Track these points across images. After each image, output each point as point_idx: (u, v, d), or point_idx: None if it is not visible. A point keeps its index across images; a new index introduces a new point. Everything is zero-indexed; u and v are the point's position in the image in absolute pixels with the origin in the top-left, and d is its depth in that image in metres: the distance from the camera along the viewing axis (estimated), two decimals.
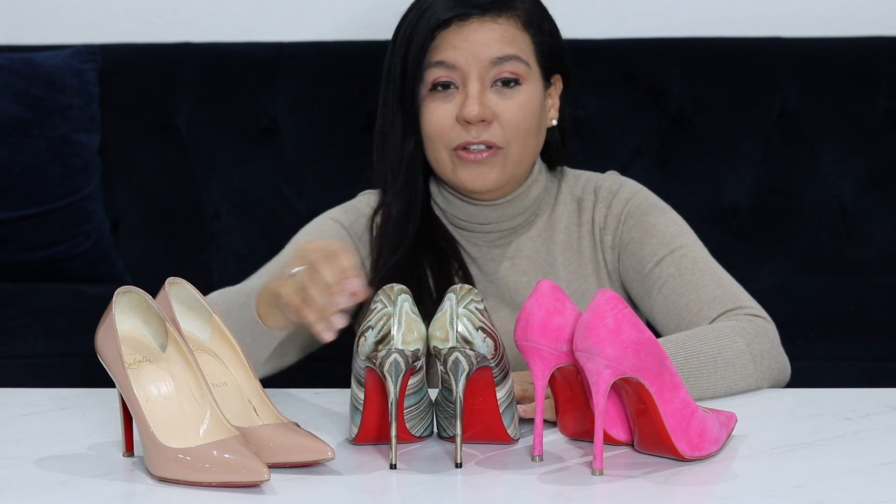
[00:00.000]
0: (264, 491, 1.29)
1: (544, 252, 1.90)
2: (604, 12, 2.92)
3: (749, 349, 1.69)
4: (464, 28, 1.81)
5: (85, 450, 1.45)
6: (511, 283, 1.89)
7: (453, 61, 1.80)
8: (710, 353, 1.66)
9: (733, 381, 1.67)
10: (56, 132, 2.67)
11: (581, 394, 1.44)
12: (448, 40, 1.81)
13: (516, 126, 1.82)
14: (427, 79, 1.82)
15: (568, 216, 1.92)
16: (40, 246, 2.67)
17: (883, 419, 1.55)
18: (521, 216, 1.90)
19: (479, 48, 1.80)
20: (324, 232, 1.88)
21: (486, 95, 1.81)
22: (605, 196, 1.91)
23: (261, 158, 2.76)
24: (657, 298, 1.83)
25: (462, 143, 1.81)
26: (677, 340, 1.66)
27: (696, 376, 1.64)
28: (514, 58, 1.81)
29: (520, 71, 1.82)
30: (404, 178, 1.87)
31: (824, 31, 2.86)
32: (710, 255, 1.86)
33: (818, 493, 1.28)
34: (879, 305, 2.48)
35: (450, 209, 1.91)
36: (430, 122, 1.83)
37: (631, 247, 1.87)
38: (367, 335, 1.37)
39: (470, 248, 1.91)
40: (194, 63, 2.80)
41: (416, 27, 1.82)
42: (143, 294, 1.40)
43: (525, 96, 1.82)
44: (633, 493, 1.31)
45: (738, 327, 1.72)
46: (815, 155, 2.73)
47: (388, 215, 1.88)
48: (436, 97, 1.82)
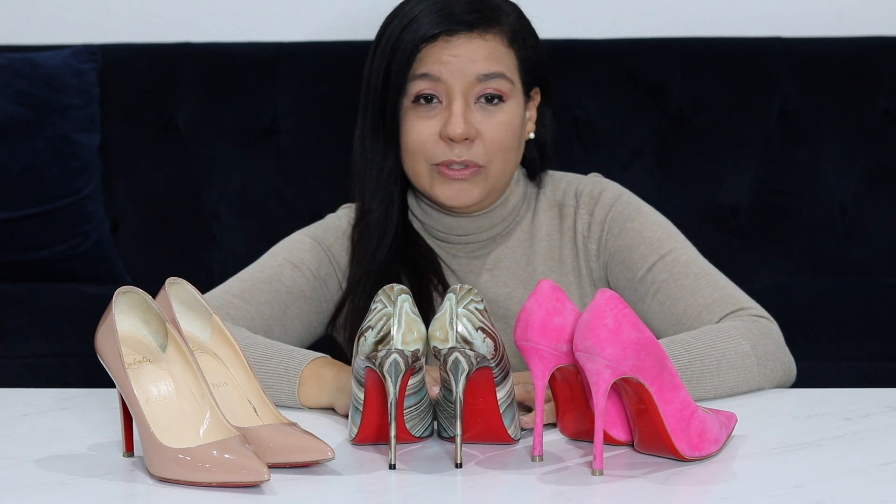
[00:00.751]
0: (264, 491, 1.29)
1: (524, 262, 1.89)
2: (604, 12, 2.92)
3: (754, 351, 1.69)
4: (450, 43, 1.79)
5: (85, 450, 1.45)
6: (491, 294, 1.88)
7: (438, 75, 1.79)
8: (714, 355, 1.66)
9: (736, 384, 1.67)
10: (56, 132, 2.67)
11: (581, 394, 1.44)
12: (434, 54, 1.79)
13: (498, 144, 1.81)
14: (410, 90, 1.81)
15: (549, 223, 1.91)
16: (40, 246, 2.67)
17: (883, 419, 1.55)
18: (500, 226, 1.89)
19: (465, 64, 1.79)
20: (301, 250, 1.88)
21: (469, 113, 1.79)
22: (587, 202, 1.89)
23: (261, 158, 2.76)
24: (652, 304, 1.82)
25: (444, 162, 1.81)
26: (681, 342, 1.66)
27: (699, 379, 1.64)
28: (499, 75, 1.80)
29: (504, 88, 1.80)
30: (383, 190, 1.87)
31: (824, 31, 2.86)
32: (701, 255, 1.85)
33: (818, 493, 1.28)
34: (879, 305, 2.48)
35: (428, 221, 1.90)
36: (411, 136, 1.81)
37: (619, 255, 1.86)
38: (366, 335, 1.37)
39: (450, 260, 1.91)
40: (194, 63, 2.80)
41: (400, 38, 1.80)
42: (143, 294, 1.40)
43: (508, 114, 1.81)
44: (633, 493, 1.31)
45: (742, 328, 1.71)
46: (815, 155, 2.73)
47: (366, 226, 1.88)
48: (418, 110, 1.81)
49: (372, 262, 1.86)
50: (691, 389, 1.63)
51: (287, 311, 1.84)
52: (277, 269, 1.85)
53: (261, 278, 1.84)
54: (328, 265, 1.89)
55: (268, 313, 1.82)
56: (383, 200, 1.87)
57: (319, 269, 1.88)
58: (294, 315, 1.85)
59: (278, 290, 1.83)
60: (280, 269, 1.85)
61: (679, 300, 1.79)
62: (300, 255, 1.87)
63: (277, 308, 1.83)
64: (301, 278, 1.86)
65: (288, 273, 1.85)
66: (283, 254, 1.88)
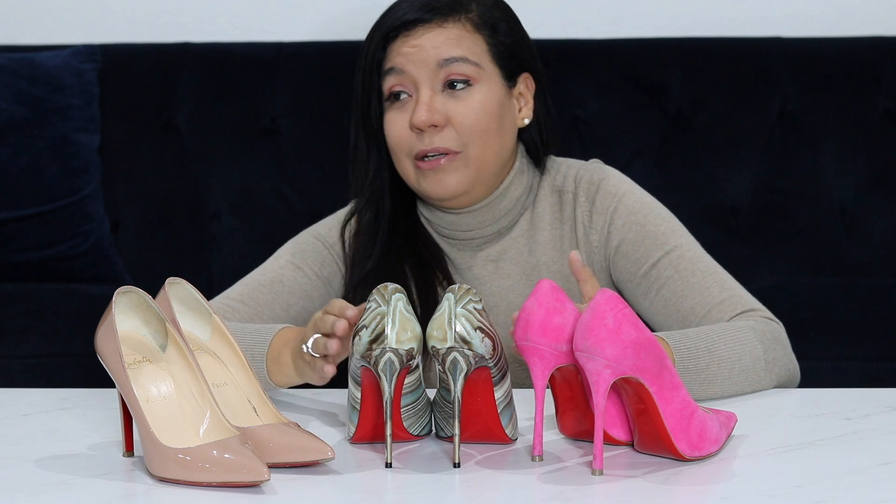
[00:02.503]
0: (264, 491, 1.29)
1: (527, 253, 1.90)
2: (604, 12, 2.92)
3: (765, 356, 1.70)
4: (410, 36, 1.83)
5: (85, 450, 1.45)
6: (495, 287, 1.88)
7: (402, 67, 1.82)
8: (731, 358, 1.66)
9: (743, 387, 1.68)
10: (56, 132, 2.67)
11: (581, 394, 1.44)
12: (396, 49, 1.83)
13: (470, 127, 1.82)
14: (384, 88, 1.85)
15: (550, 211, 1.91)
16: (40, 246, 2.67)
17: (883, 419, 1.55)
18: (504, 219, 1.90)
19: (425, 53, 1.82)
20: (304, 250, 1.90)
21: (435, 100, 1.82)
22: (587, 188, 1.89)
23: (261, 158, 2.76)
24: (655, 300, 1.82)
25: (419, 153, 1.82)
26: (699, 338, 1.66)
27: (711, 382, 1.64)
28: (461, 59, 1.82)
29: (468, 72, 1.82)
30: (370, 191, 1.90)
31: (824, 31, 2.86)
32: (704, 250, 1.86)
33: (818, 493, 1.28)
34: (879, 305, 2.48)
35: (434, 219, 1.92)
36: (389, 133, 1.85)
37: (623, 248, 1.86)
38: (361, 334, 1.38)
39: (456, 256, 1.91)
40: (194, 63, 2.80)
41: (371, 41, 1.86)
42: (142, 294, 1.40)
43: (479, 97, 1.83)
44: (633, 493, 1.31)
45: (758, 330, 1.72)
46: (815, 155, 2.73)
47: (359, 227, 1.90)
48: (392, 108, 1.85)
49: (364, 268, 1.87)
50: (701, 390, 1.63)
51: (290, 312, 1.85)
52: (279, 271, 1.87)
53: (262, 281, 1.86)
54: (332, 264, 1.90)
55: (269, 314, 1.83)
56: (370, 203, 1.89)
57: (322, 268, 1.89)
58: (298, 315, 1.86)
59: (279, 291, 1.85)
60: (282, 270, 1.87)
61: (685, 297, 1.79)
62: (303, 256, 1.89)
63: (280, 308, 1.84)
64: (303, 278, 1.87)
65: (290, 274, 1.86)
66: (286, 255, 1.90)
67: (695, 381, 1.63)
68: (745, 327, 1.71)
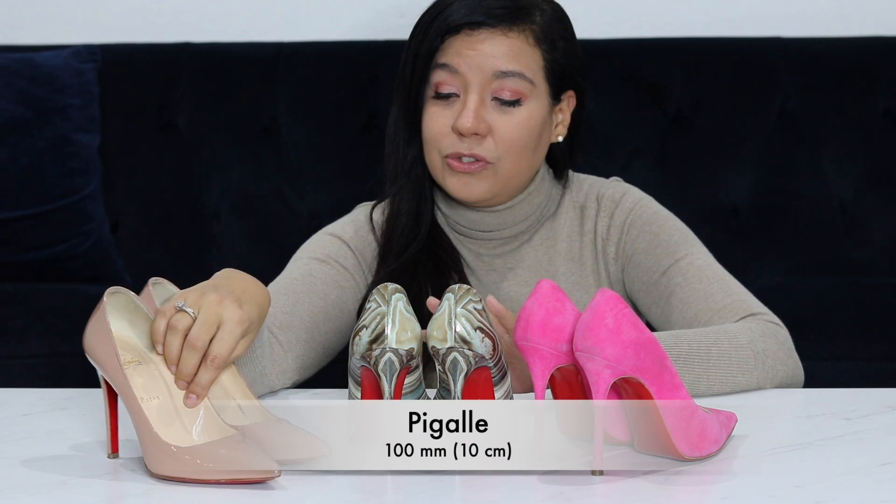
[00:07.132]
0: (263, 490, 1.29)
1: (546, 262, 1.90)
2: (604, 12, 2.92)
3: (750, 345, 1.69)
4: (472, 36, 1.80)
5: (84, 450, 1.45)
6: (513, 293, 1.88)
7: (457, 67, 1.80)
8: (704, 342, 1.66)
9: (730, 374, 1.67)
10: (56, 132, 2.67)
11: (581, 394, 1.44)
12: (455, 46, 1.81)
13: (510, 143, 1.81)
14: (432, 80, 1.82)
15: (570, 224, 1.91)
16: (40, 246, 2.67)
17: (883, 419, 1.55)
18: (524, 223, 1.90)
19: (483, 59, 1.79)
20: (323, 247, 1.87)
21: (483, 109, 1.80)
22: (608, 205, 1.90)
23: (261, 158, 2.76)
24: (666, 308, 1.83)
25: (454, 153, 1.81)
26: (674, 332, 1.67)
27: (685, 361, 1.63)
28: (517, 74, 1.80)
29: (521, 89, 1.81)
30: (407, 177, 1.87)
31: (824, 31, 2.86)
32: (716, 260, 1.86)
33: (818, 493, 1.28)
34: (879, 305, 2.48)
35: (452, 214, 1.91)
36: (427, 126, 1.83)
37: (636, 258, 1.87)
38: (361, 334, 1.38)
39: (471, 257, 1.91)
40: (194, 63, 2.80)
41: (429, 28, 1.82)
42: (130, 294, 1.40)
43: (525, 114, 1.82)
44: (633, 493, 1.30)
45: (744, 326, 1.72)
46: (815, 155, 2.73)
47: (396, 212, 1.88)
48: (437, 103, 1.82)
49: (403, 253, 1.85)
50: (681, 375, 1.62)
51: (326, 300, 1.81)
52: (306, 268, 1.83)
53: (293, 277, 1.81)
54: (352, 257, 1.87)
55: (307, 303, 1.78)
56: (408, 189, 1.87)
57: (345, 260, 1.85)
58: (334, 304, 1.82)
59: (312, 283, 1.81)
60: (308, 266, 1.83)
61: (691, 304, 1.80)
62: (324, 251, 1.86)
63: (317, 297, 1.80)
64: (332, 270, 1.84)
65: (317, 267, 1.83)
66: (305, 256, 1.87)
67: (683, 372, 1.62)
68: (738, 326, 1.71)
